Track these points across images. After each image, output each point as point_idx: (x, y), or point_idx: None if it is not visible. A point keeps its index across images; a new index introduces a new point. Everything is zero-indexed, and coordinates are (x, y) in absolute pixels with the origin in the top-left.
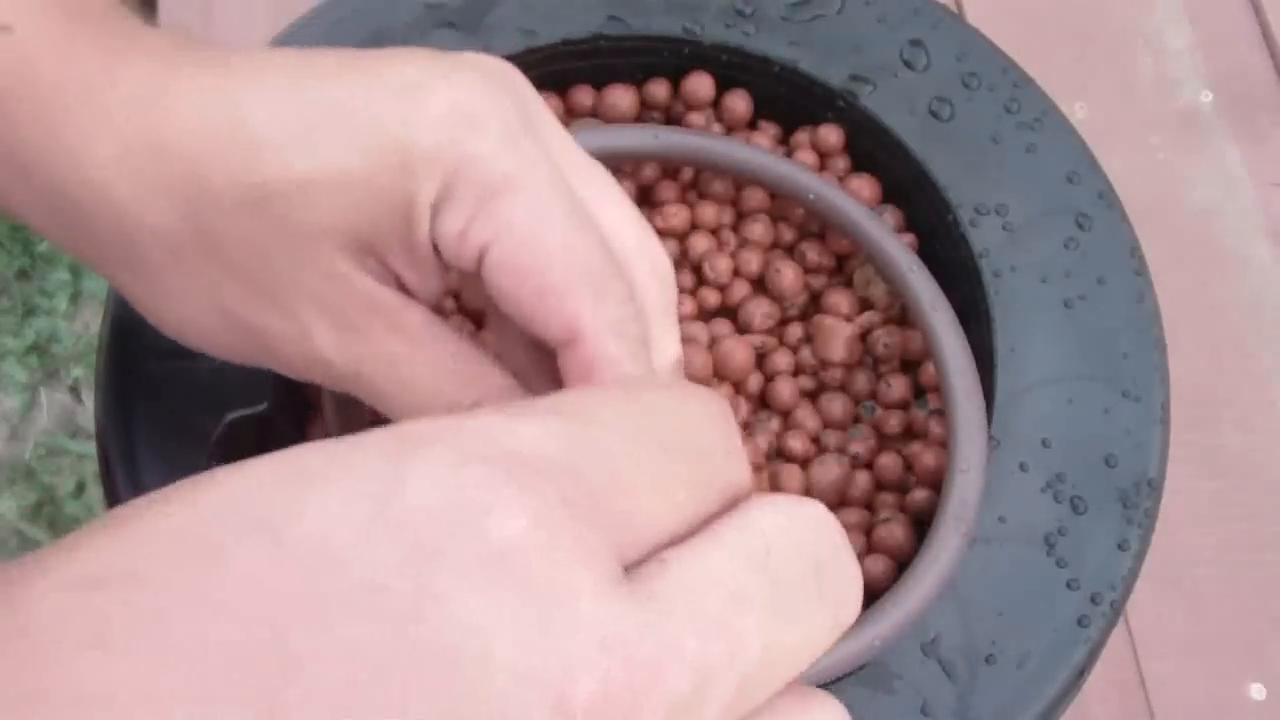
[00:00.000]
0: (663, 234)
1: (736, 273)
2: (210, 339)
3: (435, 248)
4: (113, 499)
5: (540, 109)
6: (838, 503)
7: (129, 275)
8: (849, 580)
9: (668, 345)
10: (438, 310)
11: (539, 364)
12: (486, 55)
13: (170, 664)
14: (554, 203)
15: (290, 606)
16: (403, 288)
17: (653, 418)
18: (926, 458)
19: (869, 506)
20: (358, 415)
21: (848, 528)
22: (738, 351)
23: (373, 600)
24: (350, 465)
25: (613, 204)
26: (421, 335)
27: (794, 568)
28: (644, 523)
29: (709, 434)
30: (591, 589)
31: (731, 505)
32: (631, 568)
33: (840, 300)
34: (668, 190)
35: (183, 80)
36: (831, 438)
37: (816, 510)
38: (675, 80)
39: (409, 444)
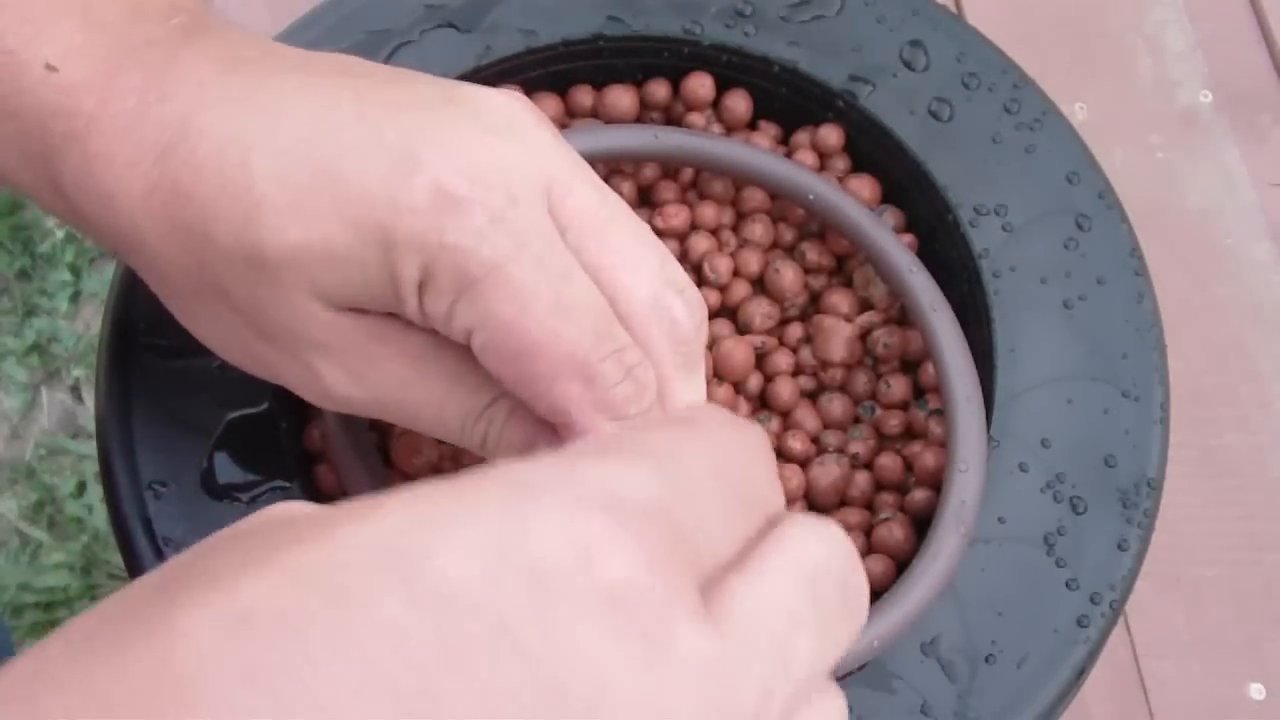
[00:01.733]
0: (663, 234)
1: (736, 273)
2: (241, 365)
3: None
4: (113, 499)
5: (551, 156)
6: (838, 503)
7: (165, 297)
8: (863, 592)
9: (690, 400)
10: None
11: None
12: (498, 96)
13: (320, 704)
14: (538, 289)
15: (427, 650)
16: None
17: (718, 453)
18: (926, 458)
19: (869, 506)
20: (358, 416)
21: (848, 528)
22: (738, 351)
23: (503, 641)
24: (472, 512)
25: (630, 257)
26: (426, 355)
27: (831, 589)
28: (713, 550)
29: (758, 464)
30: (686, 622)
31: (771, 525)
32: (703, 590)
33: (840, 300)
34: (668, 190)
35: (207, 116)
36: (831, 438)
37: (837, 530)
38: (675, 80)
39: (525, 492)
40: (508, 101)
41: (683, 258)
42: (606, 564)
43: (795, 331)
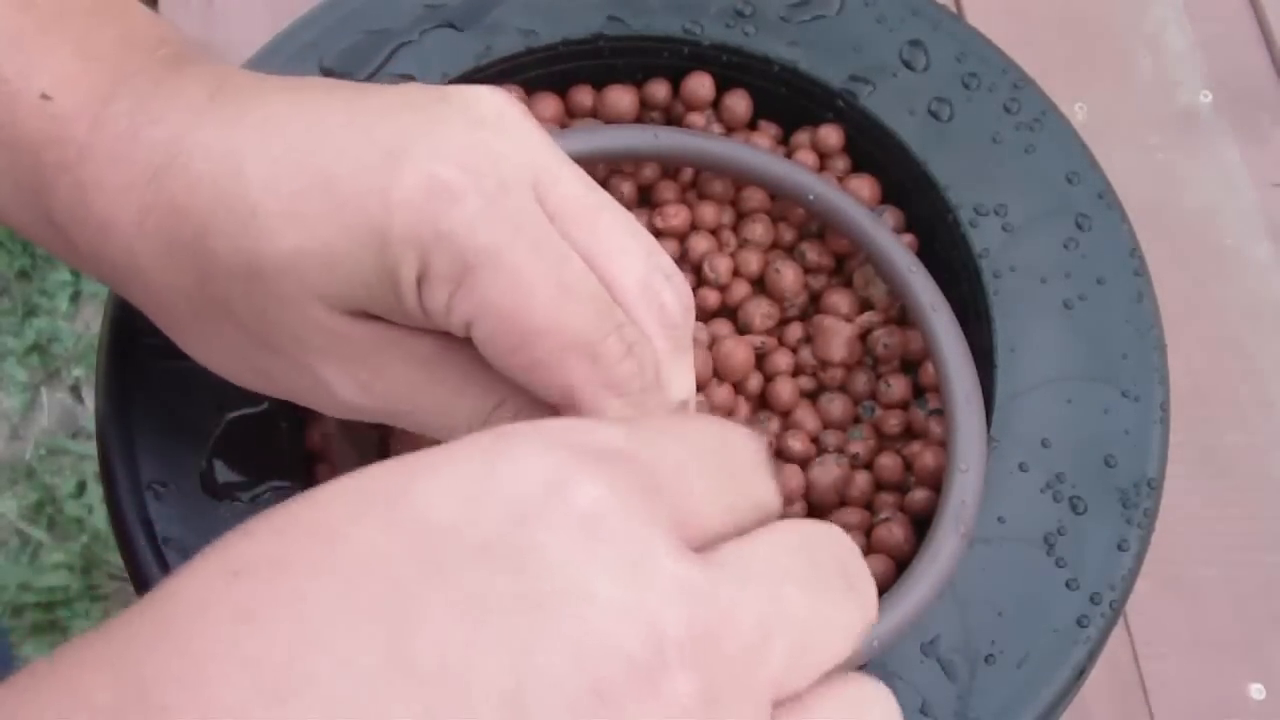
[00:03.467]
0: (663, 234)
1: (736, 273)
2: (246, 384)
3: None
4: (113, 499)
5: (538, 149)
6: (838, 503)
7: (167, 325)
8: (868, 581)
9: (679, 384)
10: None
11: None
12: (485, 90)
13: (309, 629)
14: (537, 272)
15: (408, 569)
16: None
17: (704, 436)
18: (926, 458)
19: (869, 506)
20: None
21: (847, 528)
22: (738, 352)
23: (481, 556)
24: (449, 457)
25: (617, 245)
26: (432, 359)
27: (825, 560)
28: (698, 514)
29: (749, 458)
30: (665, 550)
31: (766, 519)
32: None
33: (840, 300)
34: (668, 190)
35: (198, 135)
36: (831, 438)
37: (836, 529)
38: (675, 80)
39: (500, 439)
40: (493, 95)
41: (683, 258)
42: (577, 491)
43: (795, 331)
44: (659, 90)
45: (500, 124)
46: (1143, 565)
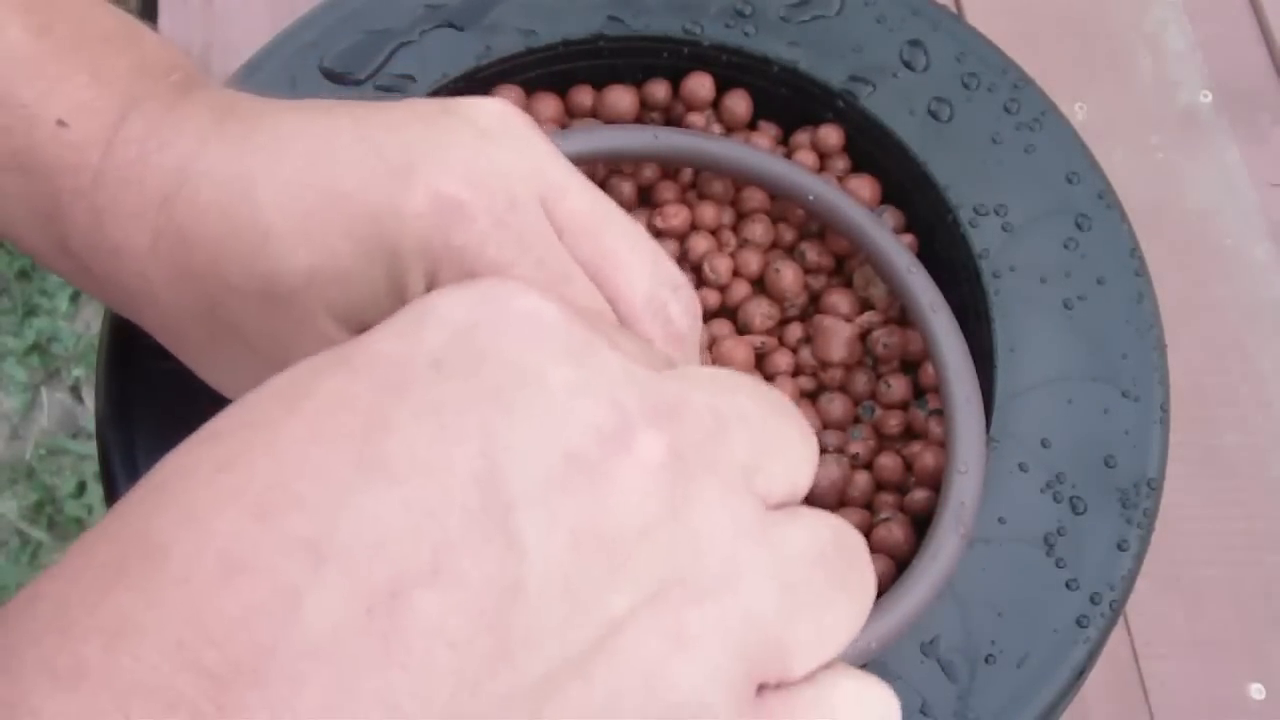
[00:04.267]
0: (663, 234)
1: (736, 273)
2: None
3: None
4: (113, 499)
5: (544, 161)
6: (838, 503)
7: (176, 348)
8: (806, 432)
9: None
10: None
11: None
12: (491, 103)
13: (284, 460)
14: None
15: (369, 395)
16: None
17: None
18: (926, 458)
19: (869, 506)
20: None
21: None
22: (738, 351)
23: (435, 371)
24: (392, 316)
25: (624, 258)
26: None
27: (760, 388)
28: (626, 350)
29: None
30: (606, 346)
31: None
32: None
33: (840, 300)
34: (668, 190)
35: (207, 160)
36: (831, 438)
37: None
38: (675, 80)
39: (428, 297)
40: (501, 107)
41: (683, 258)
42: (514, 299)
43: (795, 331)
44: (659, 90)
45: (506, 136)
46: (1143, 565)
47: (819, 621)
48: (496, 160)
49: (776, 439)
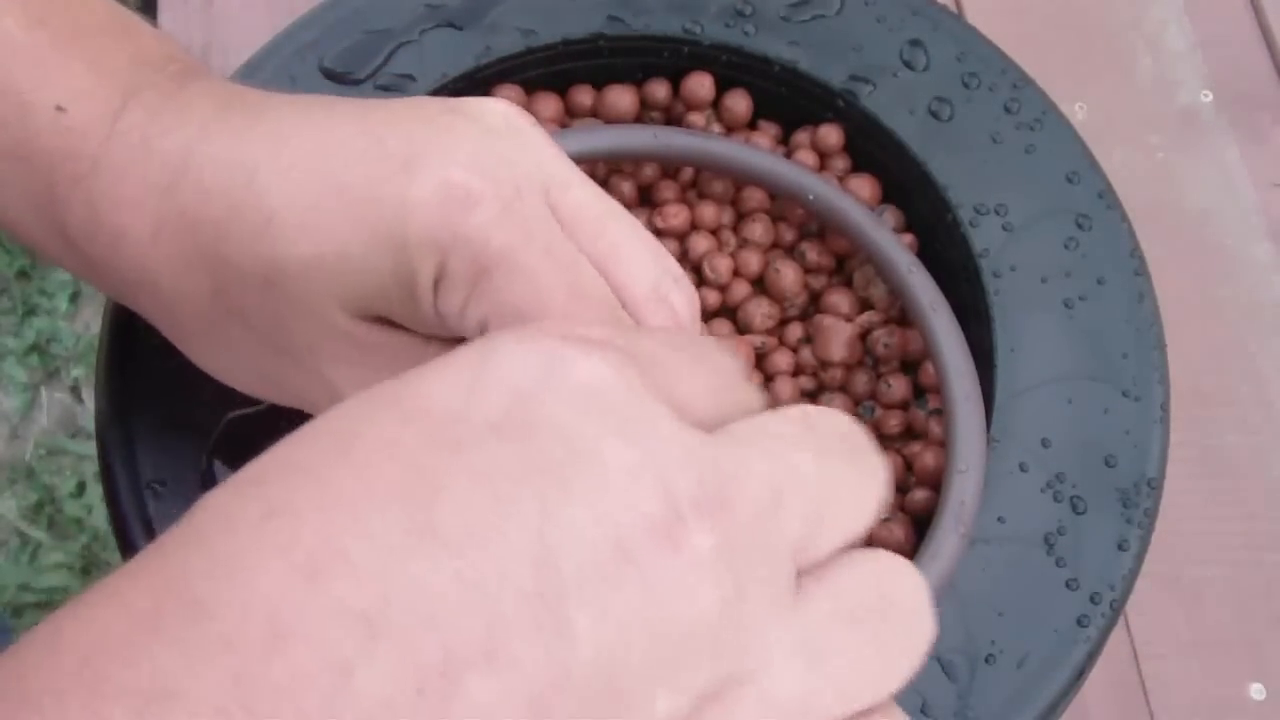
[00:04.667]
0: (663, 234)
1: (736, 273)
2: (256, 392)
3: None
4: (113, 499)
5: (547, 157)
6: None
7: (174, 334)
8: (877, 454)
9: None
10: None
11: None
12: (494, 102)
13: (335, 514)
14: (550, 276)
15: (422, 451)
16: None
17: (678, 339)
18: (926, 458)
19: None
20: None
21: None
22: (738, 352)
23: (490, 433)
24: (447, 359)
25: (626, 251)
26: None
27: (830, 431)
28: (691, 399)
29: (724, 358)
30: (666, 417)
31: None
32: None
33: (840, 300)
34: (668, 190)
35: (210, 147)
36: None
37: (835, 410)
38: (675, 80)
39: (491, 339)
40: (505, 107)
41: (683, 258)
42: (574, 368)
43: (795, 331)
44: (659, 90)
45: (510, 133)
46: (1143, 565)
47: (858, 687)
48: (501, 153)
49: (835, 500)
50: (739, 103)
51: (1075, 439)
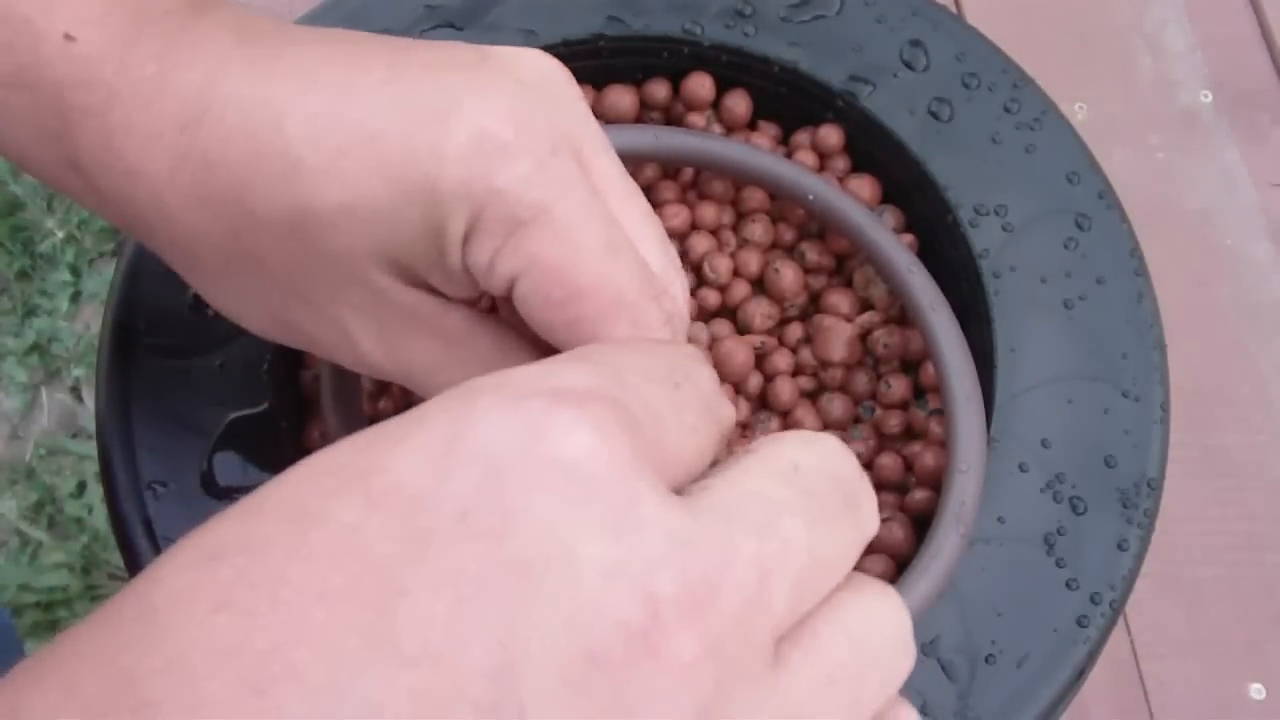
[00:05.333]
0: None
1: (736, 273)
2: (265, 332)
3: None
4: (113, 499)
5: (581, 119)
6: None
7: (190, 274)
8: (867, 494)
9: None
10: (476, 303)
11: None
12: (531, 54)
13: (289, 615)
14: (586, 232)
15: (386, 546)
16: (441, 291)
17: (656, 360)
18: (926, 458)
19: None
20: (356, 411)
21: None
22: (738, 352)
23: (460, 527)
24: (420, 422)
25: (642, 231)
26: (461, 337)
27: (820, 482)
28: (677, 449)
29: (698, 373)
30: (651, 497)
31: (725, 438)
32: (671, 488)
33: (840, 300)
34: (668, 190)
35: (231, 83)
36: None
37: (831, 439)
38: (675, 80)
39: (468, 395)
40: (541, 59)
41: (683, 258)
42: (555, 438)
43: (795, 331)
44: (659, 90)
45: (545, 89)
46: (1143, 565)
47: None
48: (537, 107)
49: (823, 563)
50: (739, 103)
51: (1075, 439)
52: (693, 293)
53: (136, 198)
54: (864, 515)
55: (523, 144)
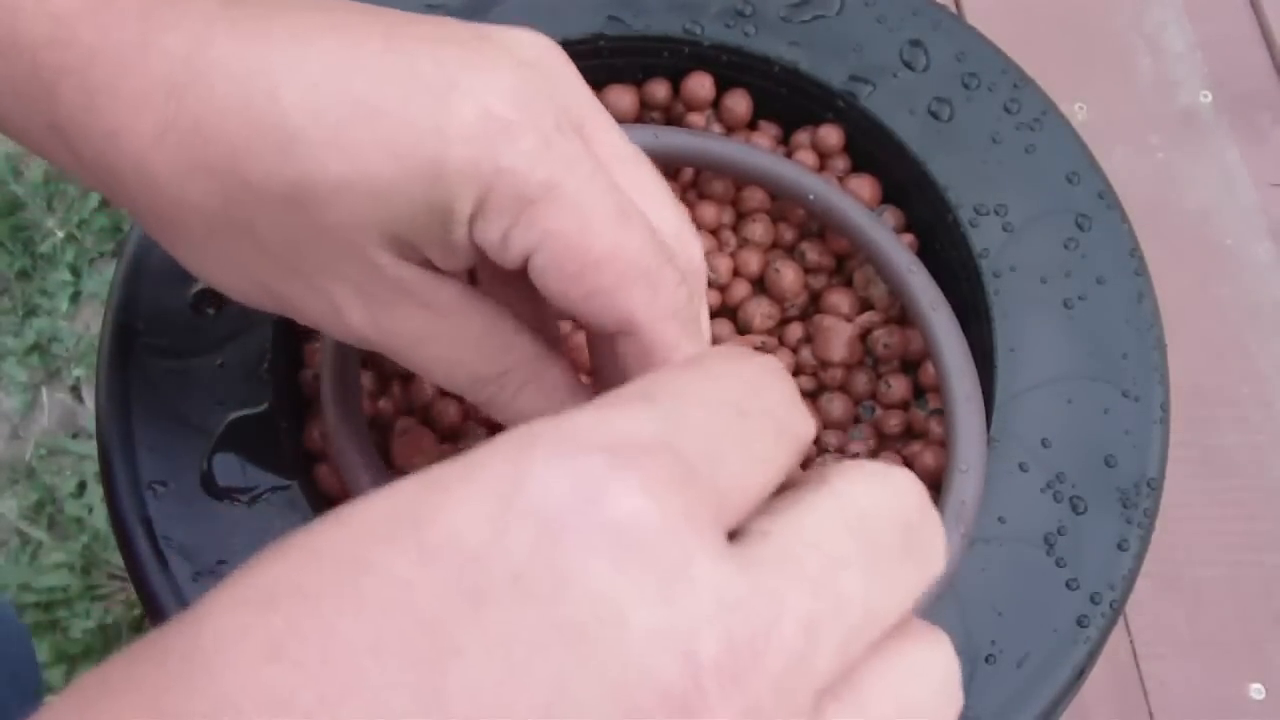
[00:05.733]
0: None
1: (736, 273)
2: (248, 300)
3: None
4: (113, 499)
5: (581, 95)
6: None
7: (169, 240)
8: (935, 536)
9: (701, 335)
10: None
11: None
12: (527, 34)
13: (339, 668)
14: (596, 203)
15: (439, 603)
16: (435, 265)
17: (724, 385)
18: (926, 458)
19: None
20: (356, 411)
21: None
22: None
23: (512, 587)
24: (475, 471)
25: (654, 197)
26: (452, 312)
27: (886, 530)
28: (736, 486)
29: (772, 391)
30: (703, 555)
31: (803, 454)
32: (733, 534)
33: (840, 300)
34: None
35: (220, 48)
36: (831, 438)
37: (905, 476)
38: (675, 80)
39: (524, 447)
40: (537, 38)
41: None
42: (610, 501)
43: (795, 331)
44: (659, 90)
45: (543, 66)
46: (1143, 565)
47: None
48: (538, 86)
49: (878, 613)
50: (739, 103)
51: (1075, 439)
52: None
53: (118, 162)
54: (930, 556)
55: (527, 122)
